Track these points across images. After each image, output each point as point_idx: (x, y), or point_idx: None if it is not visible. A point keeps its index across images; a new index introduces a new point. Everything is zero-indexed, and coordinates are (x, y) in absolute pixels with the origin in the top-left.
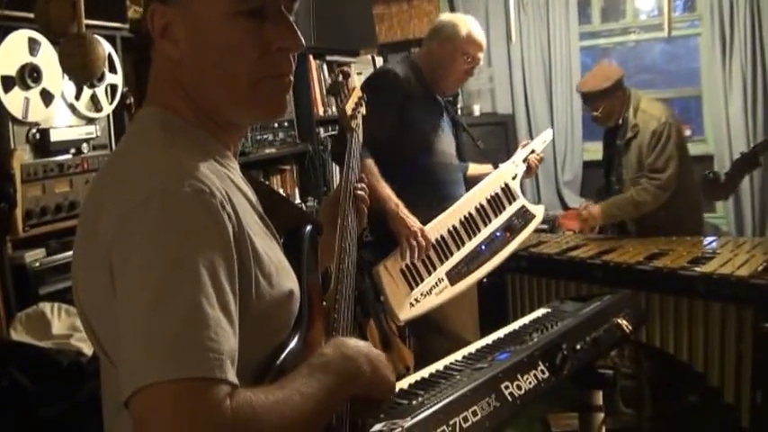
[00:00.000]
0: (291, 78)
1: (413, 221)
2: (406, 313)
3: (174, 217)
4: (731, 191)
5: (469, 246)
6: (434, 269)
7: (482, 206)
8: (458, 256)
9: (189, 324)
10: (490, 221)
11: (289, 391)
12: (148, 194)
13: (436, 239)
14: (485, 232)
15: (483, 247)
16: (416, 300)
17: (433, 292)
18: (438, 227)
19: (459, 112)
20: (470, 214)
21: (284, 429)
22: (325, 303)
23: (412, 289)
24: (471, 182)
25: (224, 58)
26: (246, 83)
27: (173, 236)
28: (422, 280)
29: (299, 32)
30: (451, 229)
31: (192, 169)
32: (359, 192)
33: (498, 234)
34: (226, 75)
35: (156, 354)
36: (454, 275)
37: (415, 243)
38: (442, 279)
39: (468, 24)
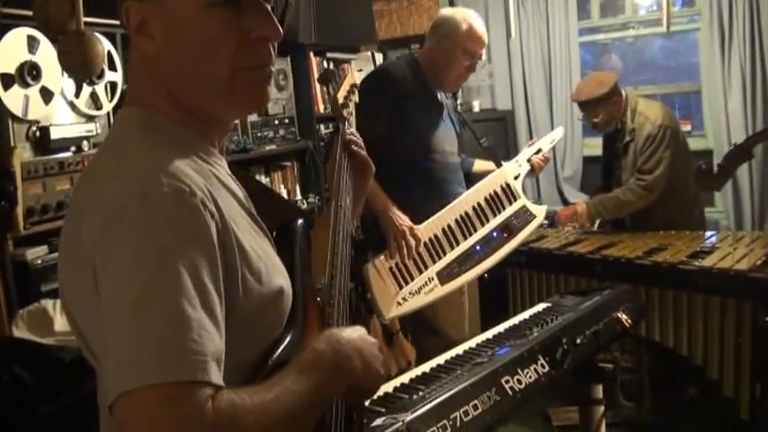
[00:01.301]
0: (272, 69)
1: (402, 221)
2: (392, 311)
3: (154, 219)
4: (724, 182)
5: (464, 246)
6: (425, 268)
7: (480, 205)
8: (450, 255)
9: (171, 327)
10: (487, 221)
11: (278, 390)
12: (128, 197)
13: (429, 238)
14: (481, 232)
15: (478, 247)
16: (404, 299)
17: (422, 292)
18: (432, 226)
19: (459, 108)
20: (467, 213)
21: (269, 428)
22: (319, 299)
23: (401, 288)
24: (476, 179)
25: (202, 52)
26: (226, 75)
27: (153, 238)
28: (411, 279)
29: (276, 21)
30: (446, 228)
31: (171, 169)
32: (349, 137)
33: (495, 234)
34: (204, 68)
35: (139, 358)
36: (445, 275)
37: (402, 242)
38: (432, 278)
39: (468, 19)
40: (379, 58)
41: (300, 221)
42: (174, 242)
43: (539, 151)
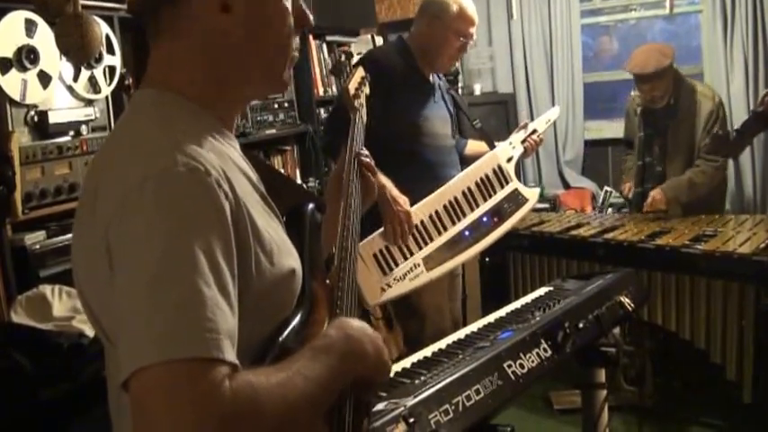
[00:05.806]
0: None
1: (400, 206)
2: (375, 298)
3: (170, 198)
4: (741, 149)
5: (451, 232)
6: (411, 255)
7: (470, 190)
8: (437, 242)
9: (185, 305)
10: (477, 206)
11: (291, 373)
12: (144, 176)
13: (416, 225)
14: (470, 217)
15: (467, 232)
16: (388, 285)
17: (407, 278)
18: (420, 212)
19: (460, 91)
20: (456, 199)
21: (286, 411)
22: (328, 281)
23: (385, 274)
24: (469, 160)
25: (279, 31)
26: (286, 55)
27: (168, 217)
28: (396, 265)
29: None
30: (434, 214)
31: (187, 148)
32: (364, 159)
33: (485, 219)
34: (278, 45)
35: (153, 335)
36: (431, 261)
37: (398, 229)
38: (418, 264)
39: (458, 0)
40: (379, 41)
41: (311, 205)
42: (189, 221)
43: (534, 132)
